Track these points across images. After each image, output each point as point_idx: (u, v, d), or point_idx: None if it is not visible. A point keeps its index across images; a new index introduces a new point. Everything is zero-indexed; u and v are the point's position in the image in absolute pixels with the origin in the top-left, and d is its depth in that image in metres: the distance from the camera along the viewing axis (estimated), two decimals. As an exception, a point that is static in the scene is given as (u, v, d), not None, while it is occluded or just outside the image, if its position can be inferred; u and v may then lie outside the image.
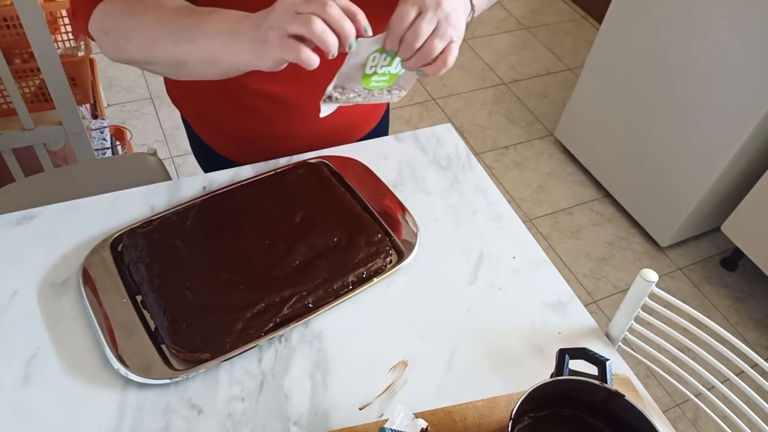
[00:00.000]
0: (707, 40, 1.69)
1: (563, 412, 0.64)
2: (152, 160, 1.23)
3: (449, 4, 0.64)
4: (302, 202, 0.84)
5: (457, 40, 0.66)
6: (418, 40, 0.63)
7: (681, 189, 1.92)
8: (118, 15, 0.70)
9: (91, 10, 0.71)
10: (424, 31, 0.63)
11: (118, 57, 0.72)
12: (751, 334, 1.90)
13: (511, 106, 2.56)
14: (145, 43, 0.68)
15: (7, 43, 1.34)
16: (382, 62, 0.67)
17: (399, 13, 0.64)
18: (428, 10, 0.63)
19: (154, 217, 0.81)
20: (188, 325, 0.70)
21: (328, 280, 0.76)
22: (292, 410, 0.67)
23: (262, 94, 0.89)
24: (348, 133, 1.01)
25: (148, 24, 0.67)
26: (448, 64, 0.66)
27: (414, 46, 0.64)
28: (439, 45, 0.64)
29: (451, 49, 0.66)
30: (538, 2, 3.14)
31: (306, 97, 0.90)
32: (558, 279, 0.83)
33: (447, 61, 0.66)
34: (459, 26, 0.66)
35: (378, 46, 0.65)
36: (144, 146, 2.18)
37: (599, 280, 1.98)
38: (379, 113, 1.07)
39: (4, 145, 1.41)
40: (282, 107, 0.91)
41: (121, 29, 0.69)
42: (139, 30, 0.68)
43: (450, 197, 0.92)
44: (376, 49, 0.66)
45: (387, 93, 0.73)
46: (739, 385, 0.73)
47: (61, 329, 0.71)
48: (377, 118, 1.06)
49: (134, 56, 0.70)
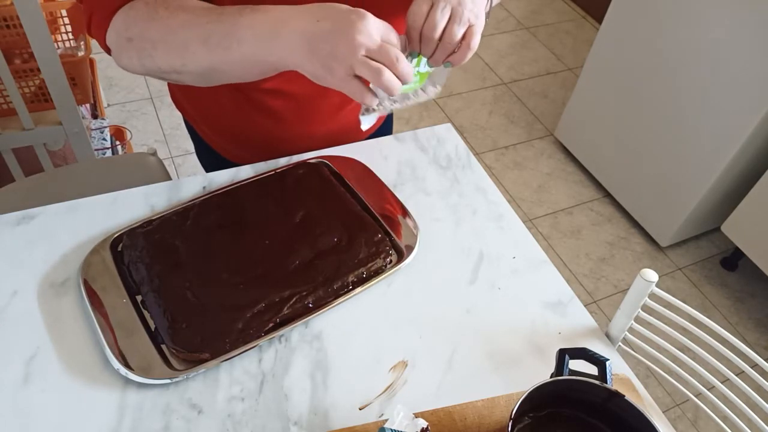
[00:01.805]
0: (707, 40, 1.69)
1: (563, 412, 0.64)
2: (152, 160, 1.23)
3: None
4: (302, 202, 0.84)
5: (477, 23, 0.66)
6: (436, 31, 0.63)
7: (681, 189, 1.92)
8: (142, 21, 0.65)
9: (110, 20, 0.67)
10: (438, 20, 0.63)
11: (144, 66, 0.68)
12: (751, 334, 1.90)
13: (511, 106, 2.56)
14: (175, 49, 0.64)
15: (7, 43, 1.35)
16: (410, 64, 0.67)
17: (412, 10, 0.64)
18: (439, 1, 0.63)
19: (154, 217, 0.81)
20: (188, 325, 0.70)
21: (328, 280, 0.76)
22: (292, 410, 0.67)
23: (275, 92, 0.89)
24: (354, 133, 1.01)
25: (175, 29, 0.63)
26: (473, 47, 0.66)
27: (434, 38, 0.64)
28: (459, 30, 0.64)
29: (474, 33, 0.65)
30: (538, 2, 3.14)
31: (318, 96, 0.89)
32: (558, 279, 0.83)
33: (471, 45, 0.65)
34: (476, 9, 0.65)
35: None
36: (144, 146, 2.18)
37: (599, 280, 1.98)
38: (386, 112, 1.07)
39: (4, 145, 1.41)
40: (295, 105, 0.91)
41: (147, 36, 0.65)
42: (166, 35, 0.64)
43: (450, 197, 0.92)
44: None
45: (422, 92, 0.72)
46: (739, 385, 0.73)
47: (61, 329, 0.71)
48: (383, 117, 1.06)
49: (162, 65, 0.66)
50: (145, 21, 0.65)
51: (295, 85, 0.88)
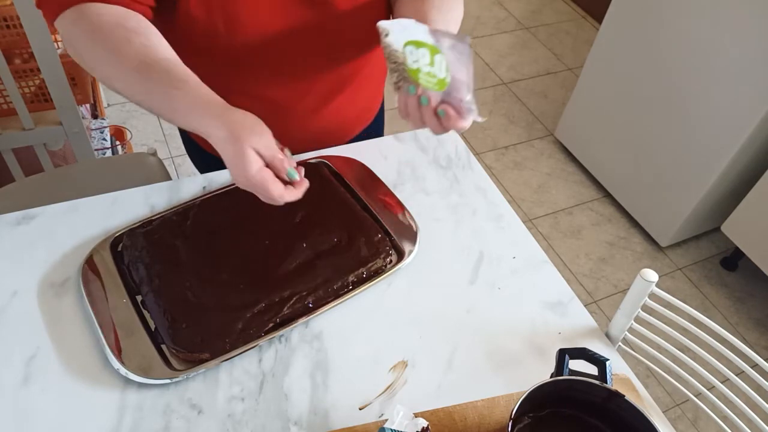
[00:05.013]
0: (707, 40, 1.69)
1: (563, 412, 0.64)
2: (152, 160, 1.23)
3: None
4: (302, 202, 0.84)
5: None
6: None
7: (681, 189, 1.92)
8: (88, 39, 0.67)
9: (58, 12, 0.68)
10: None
11: (80, 64, 0.70)
12: (751, 334, 1.90)
13: (511, 106, 2.56)
14: (114, 78, 0.67)
15: (7, 43, 1.35)
16: (423, 59, 0.65)
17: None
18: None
19: (154, 217, 0.81)
20: (188, 325, 0.70)
21: (328, 280, 0.76)
22: (292, 410, 0.67)
23: (256, 97, 0.89)
24: (339, 134, 1.01)
25: (120, 64, 0.65)
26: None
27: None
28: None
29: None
30: (538, 2, 3.14)
31: (293, 99, 0.90)
32: (558, 279, 0.83)
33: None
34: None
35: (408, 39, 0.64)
36: (144, 146, 2.18)
37: (599, 280, 1.98)
38: (371, 114, 1.07)
39: (4, 145, 1.41)
40: (277, 109, 0.91)
41: (91, 54, 0.67)
42: (109, 63, 0.66)
43: (450, 197, 0.92)
44: (408, 41, 0.65)
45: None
46: (739, 385, 0.73)
47: (61, 329, 0.71)
48: (369, 119, 1.06)
49: (97, 76, 0.70)
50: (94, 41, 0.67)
51: (269, 89, 0.88)
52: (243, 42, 0.78)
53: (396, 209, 0.87)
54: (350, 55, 0.89)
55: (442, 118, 0.67)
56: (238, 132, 0.61)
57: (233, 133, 0.61)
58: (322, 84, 0.90)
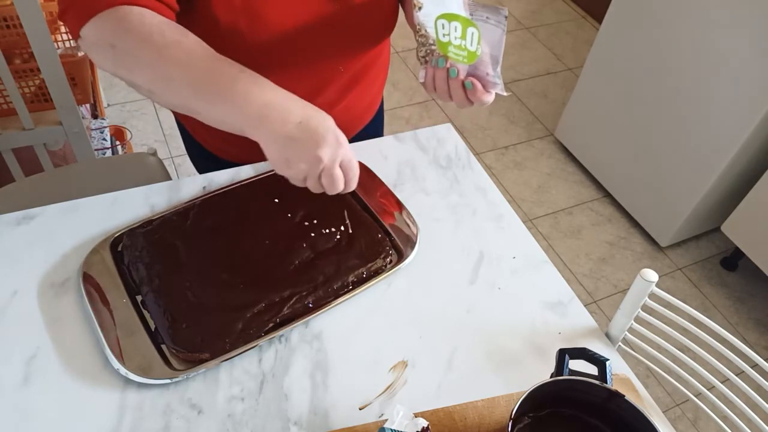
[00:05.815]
0: (707, 40, 1.69)
1: (563, 412, 0.64)
2: (152, 160, 1.23)
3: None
4: (302, 202, 0.84)
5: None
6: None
7: (681, 189, 1.92)
8: (134, 38, 0.64)
9: (93, 16, 0.65)
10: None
11: (115, 72, 0.67)
12: (751, 334, 1.90)
13: (511, 106, 2.56)
14: (160, 78, 0.64)
15: (7, 43, 1.35)
16: (454, 32, 0.66)
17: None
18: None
19: (154, 217, 0.81)
20: (188, 325, 0.70)
21: (328, 280, 0.76)
22: (292, 410, 0.67)
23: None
24: (343, 132, 1.01)
25: (166, 61, 0.63)
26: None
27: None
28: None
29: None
30: (538, 2, 3.14)
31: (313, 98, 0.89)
32: (558, 279, 0.83)
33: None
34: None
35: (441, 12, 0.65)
36: (144, 146, 2.18)
37: (599, 280, 1.98)
38: (372, 113, 1.07)
39: (4, 145, 1.41)
40: None
41: (135, 54, 0.64)
42: (155, 63, 0.63)
43: (450, 197, 0.92)
44: (441, 15, 0.65)
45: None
46: (739, 385, 0.73)
47: (61, 329, 0.71)
48: (368, 118, 1.06)
49: (138, 82, 0.66)
50: (136, 39, 0.64)
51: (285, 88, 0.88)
52: (264, 41, 0.78)
53: (396, 209, 0.87)
54: (364, 50, 0.90)
55: (468, 91, 0.69)
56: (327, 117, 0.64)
57: (323, 113, 0.64)
58: (335, 82, 0.91)
